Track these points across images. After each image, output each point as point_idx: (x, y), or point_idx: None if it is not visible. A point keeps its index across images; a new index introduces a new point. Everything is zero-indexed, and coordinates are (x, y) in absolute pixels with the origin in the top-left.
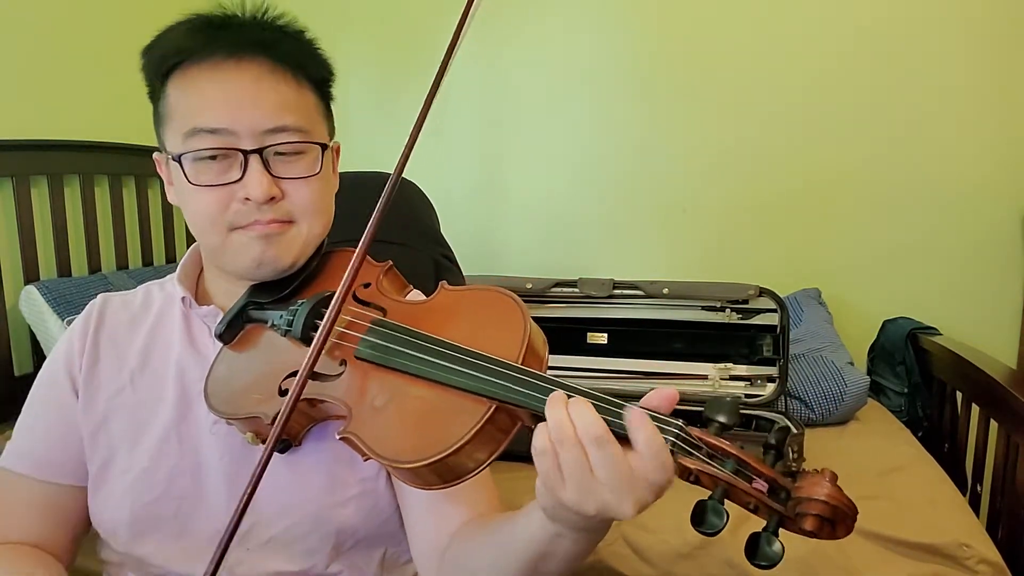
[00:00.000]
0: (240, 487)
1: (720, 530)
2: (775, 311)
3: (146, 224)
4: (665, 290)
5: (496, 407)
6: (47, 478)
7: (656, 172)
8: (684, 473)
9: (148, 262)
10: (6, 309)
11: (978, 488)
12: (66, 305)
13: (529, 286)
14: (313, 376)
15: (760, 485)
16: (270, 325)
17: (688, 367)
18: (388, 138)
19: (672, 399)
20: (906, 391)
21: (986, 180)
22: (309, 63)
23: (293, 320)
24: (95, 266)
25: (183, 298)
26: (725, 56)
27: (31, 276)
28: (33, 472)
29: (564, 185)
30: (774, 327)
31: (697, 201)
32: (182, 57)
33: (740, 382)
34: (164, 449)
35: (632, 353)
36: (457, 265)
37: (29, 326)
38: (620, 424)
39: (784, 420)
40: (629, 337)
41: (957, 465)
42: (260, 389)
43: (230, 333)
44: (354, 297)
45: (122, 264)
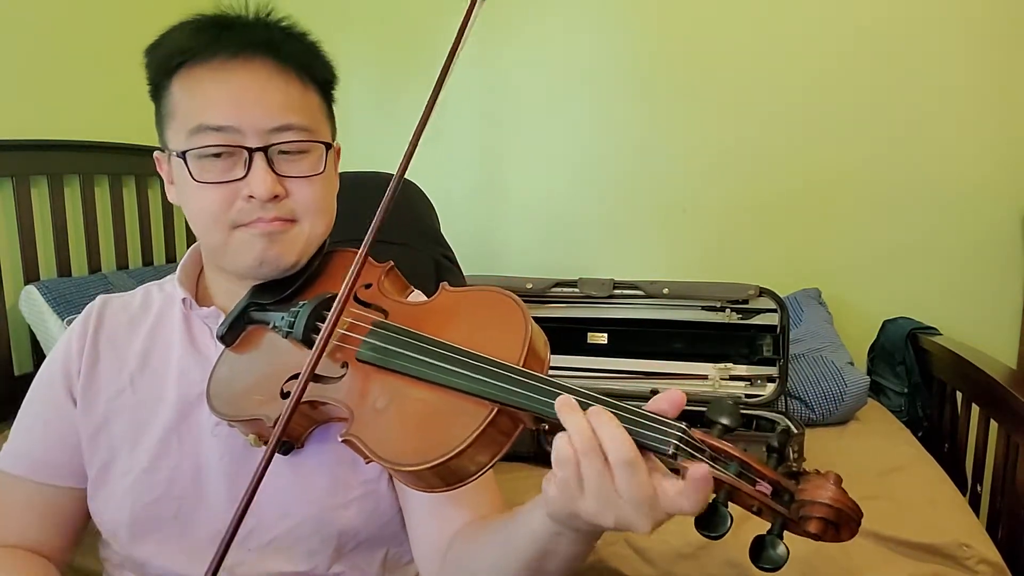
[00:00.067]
0: (241, 488)
1: (724, 533)
2: (775, 311)
3: (146, 224)
4: (665, 290)
5: (498, 410)
6: (44, 480)
7: (656, 172)
8: None
9: (148, 262)
10: (6, 309)
11: (978, 488)
12: (66, 305)
13: (529, 286)
14: (315, 378)
15: (764, 488)
16: (272, 327)
17: (688, 367)
18: (388, 138)
19: (679, 403)
20: (906, 391)
21: (986, 180)
22: (314, 64)
23: (294, 322)
24: (95, 266)
25: (184, 299)
26: (725, 56)
27: (31, 276)
28: (30, 474)
29: (564, 185)
30: (774, 327)
31: (697, 201)
32: (188, 55)
33: (740, 382)
34: (164, 450)
35: (632, 353)
36: (457, 265)
37: (29, 326)
38: (645, 435)
39: (784, 420)
40: (629, 337)
41: (957, 465)
42: (262, 391)
43: (232, 335)
44: (355, 298)
45: (122, 264)
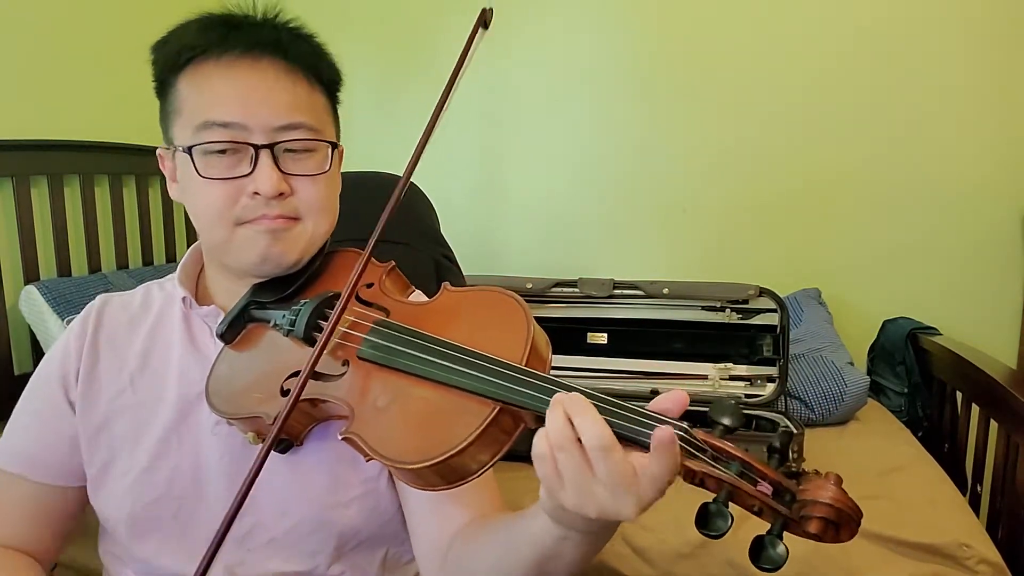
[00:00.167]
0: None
1: (725, 533)
2: (775, 311)
3: (146, 224)
4: (665, 290)
5: (500, 408)
6: (36, 478)
7: (656, 172)
8: (689, 475)
9: (148, 262)
10: (6, 309)
11: (978, 488)
12: (66, 305)
13: (529, 286)
14: (315, 376)
15: (764, 488)
16: (272, 325)
17: (688, 367)
18: (388, 138)
19: (683, 402)
20: (906, 391)
21: (986, 180)
22: (321, 66)
23: (296, 320)
24: (95, 266)
25: (184, 298)
26: (725, 56)
27: (31, 276)
28: (22, 471)
29: (564, 185)
30: (774, 327)
31: (697, 201)
32: (197, 52)
33: (740, 382)
34: (164, 450)
35: (632, 353)
36: (457, 265)
37: (29, 326)
38: (627, 427)
39: (784, 420)
40: (629, 337)
41: (957, 465)
42: (262, 389)
43: (232, 333)
44: (357, 297)
45: (122, 264)
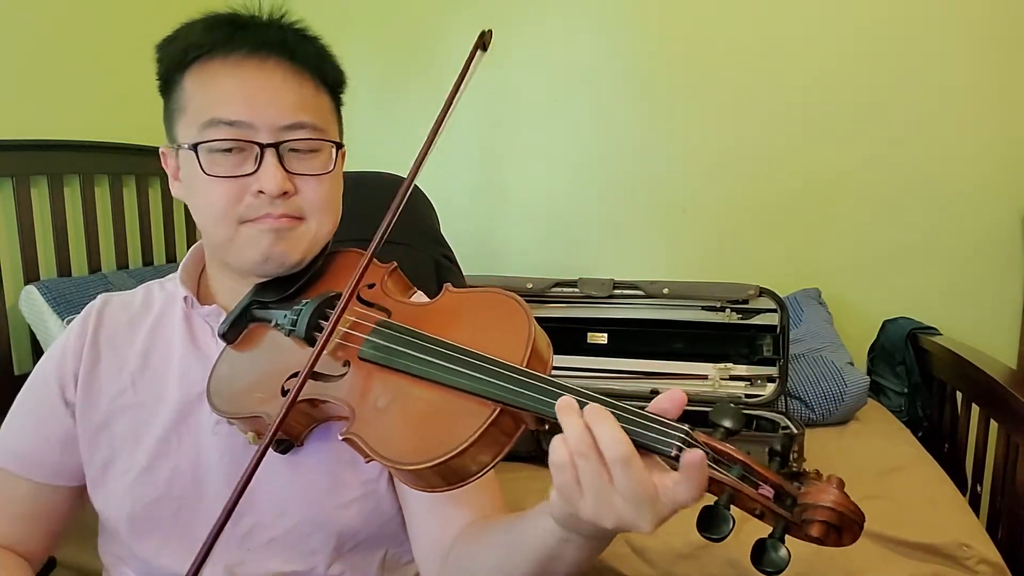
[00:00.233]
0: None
1: (726, 536)
2: (775, 311)
3: (146, 224)
4: (665, 290)
5: (500, 410)
6: (29, 476)
7: (656, 172)
8: None
9: (148, 262)
10: (6, 309)
11: (978, 488)
12: (66, 305)
13: (529, 286)
14: (316, 376)
15: (766, 491)
16: (274, 324)
17: (688, 367)
18: (388, 138)
19: (681, 402)
20: (906, 391)
21: (986, 180)
22: (327, 67)
23: (297, 320)
24: (95, 266)
25: (185, 297)
26: (725, 56)
27: (31, 276)
28: (16, 468)
29: (564, 185)
30: (774, 327)
31: (697, 201)
32: (204, 50)
33: (740, 382)
34: (164, 449)
35: (632, 353)
36: (457, 265)
37: (29, 326)
38: (645, 435)
39: (784, 420)
40: (629, 337)
41: (957, 465)
42: (262, 388)
43: (233, 332)
44: (358, 298)
45: (122, 264)
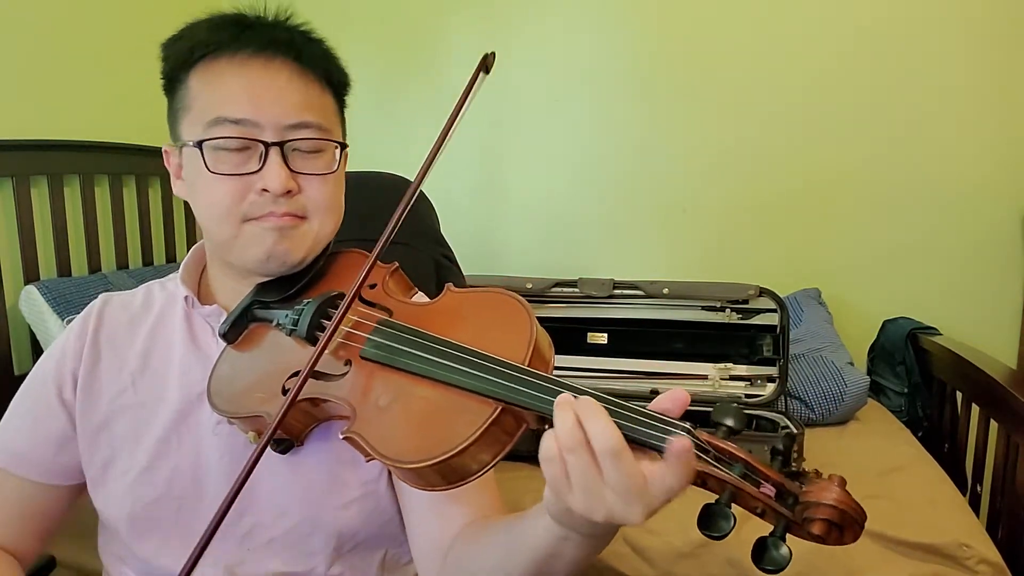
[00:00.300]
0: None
1: (727, 534)
2: (775, 311)
3: (146, 224)
4: (665, 290)
5: (502, 409)
6: (25, 474)
7: (656, 172)
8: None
9: (148, 262)
10: (6, 309)
11: (978, 488)
12: (66, 305)
13: (529, 286)
14: (317, 375)
15: (768, 490)
16: (275, 324)
17: (688, 367)
18: (388, 138)
19: (683, 401)
20: (906, 391)
21: (986, 180)
22: (332, 68)
23: (299, 319)
24: (95, 266)
25: (186, 297)
26: (725, 56)
27: (31, 276)
28: (13, 467)
29: (564, 185)
30: (774, 327)
31: (697, 201)
32: (210, 49)
33: (740, 382)
34: (164, 449)
35: (632, 353)
36: (457, 265)
37: (29, 326)
38: (637, 430)
39: (784, 420)
40: (629, 337)
41: (957, 465)
42: (263, 388)
43: (234, 332)
44: (360, 298)
45: (122, 264)
